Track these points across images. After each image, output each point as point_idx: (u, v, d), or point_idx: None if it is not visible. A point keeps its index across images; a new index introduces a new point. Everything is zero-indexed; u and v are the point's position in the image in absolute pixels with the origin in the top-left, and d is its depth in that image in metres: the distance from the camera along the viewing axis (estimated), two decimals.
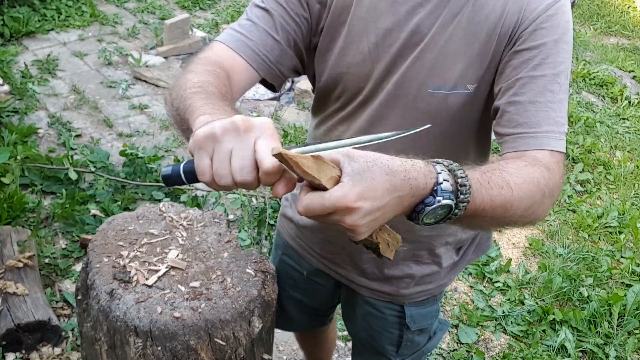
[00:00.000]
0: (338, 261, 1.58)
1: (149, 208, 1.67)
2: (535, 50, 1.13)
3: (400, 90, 1.24)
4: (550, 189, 1.06)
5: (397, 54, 1.22)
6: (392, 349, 1.67)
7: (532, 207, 1.03)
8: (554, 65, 1.13)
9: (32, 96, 4.26)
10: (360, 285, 1.58)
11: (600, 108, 5.48)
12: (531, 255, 3.58)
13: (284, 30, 1.25)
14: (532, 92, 1.13)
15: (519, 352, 2.87)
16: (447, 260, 1.54)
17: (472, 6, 1.17)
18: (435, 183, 0.87)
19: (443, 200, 0.87)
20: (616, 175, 4.45)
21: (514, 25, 1.15)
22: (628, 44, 7.32)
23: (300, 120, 4.56)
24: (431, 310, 1.63)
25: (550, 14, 1.14)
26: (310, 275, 1.68)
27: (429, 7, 1.18)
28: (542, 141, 1.11)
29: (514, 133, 1.13)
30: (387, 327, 1.63)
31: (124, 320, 1.33)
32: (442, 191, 0.87)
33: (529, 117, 1.12)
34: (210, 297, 1.39)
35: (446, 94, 1.21)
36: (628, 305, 3.11)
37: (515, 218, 1.02)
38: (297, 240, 1.66)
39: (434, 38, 1.19)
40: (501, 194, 0.97)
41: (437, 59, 1.19)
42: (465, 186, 0.89)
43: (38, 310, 2.42)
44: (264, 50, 1.23)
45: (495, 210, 0.97)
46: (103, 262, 1.46)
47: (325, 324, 2.01)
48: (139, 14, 5.85)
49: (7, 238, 2.75)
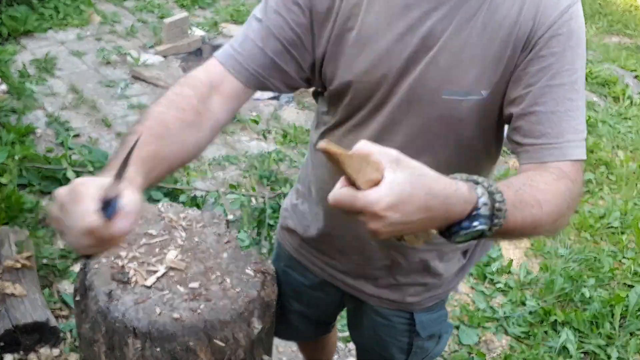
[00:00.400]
0: (347, 270, 1.55)
1: (147, 208, 1.66)
2: (552, 58, 1.13)
3: (413, 95, 1.22)
4: (574, 199, 1.08)
5: (410, 59, 1.20)
6: (401, 357, 1.65)
7: (559, 220, 1.06)
8: (571, 73, 1.13)
9: (30, 95, 4.25)
10: (369, 295, 1.55)
11: (602, 107, 5.48)
12: (533, 255, 3.57)
13: (279, 43, 1.22)
14: (552, 102, 1.13)
15: (520, 354, 2.85)
16: (455, 265, 1.53)
17: (486, 11, 1.15)
18: (474, 208, 0.89)
19: (479, 226, 0.89)
20: (618, 175, 4.44)
21: (530, 32, 1.14)
22: (630, 43, 7.32)
23: (300, 119, 4.55)
24: (440, 314, 1.61)
25: (566, 20, 1.13)
26: (314, 286, 1.65)
27: (443, 11, 1.16)
28: (565, 151, 1.12)
29: (537, 143, 1.14)
30: (397, 335, 1.60)
31: (122, 321, 1.32)
32: (479, 216, 0.89)
33: (552, 128, 1.13)
34: (210, 298, 1.39)
35: (460, 99, 1.19)
36: (630, 306, 3.10)
37: (542, 232, 1.05)
38: (301, 252, 1.62)
39: (447, 43, 1.17)
40: (532, 213, 0.99)
41: (452, 64, 1.18)
42: (501, 210, 0.91)
43: (36, 311, 2.41)
44: (253, 65, 1.21)
45: (524, 229, 0.99)
46: (101, 263, 1.45)
47: (328, 331, 1.99)
48: (137, 13, 5.85)
49: (5, 238, 2.73)
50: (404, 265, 1.47)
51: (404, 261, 1.47)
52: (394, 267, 1.48)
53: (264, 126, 4.39)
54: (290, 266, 1.67)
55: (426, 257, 1.46)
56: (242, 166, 3.90)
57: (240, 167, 3.89)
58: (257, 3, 1.29)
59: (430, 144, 1.27)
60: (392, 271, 1.49)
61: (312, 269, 1.61)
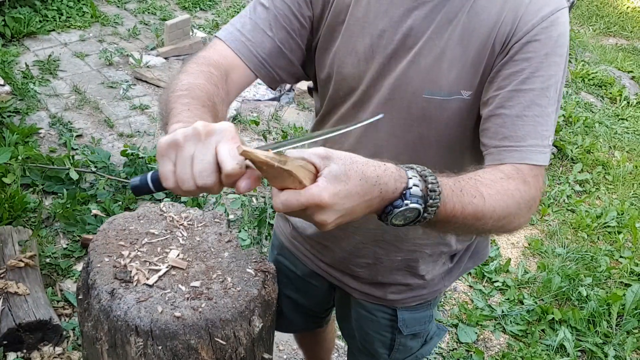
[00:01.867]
0: (332, 264, 1.59)
1: (149, 208, 1.67)
2: (525, 62, 1.13)
3: (395, 94, 1.24)
4: (527, 201, 1.08)
5: (391, 56, 1.22)
6: (384, 352, 1.67)
7: (507, 217, 1.06)
8: (544, 79, 1.13)
9: (33, 96, 4.27)
10: (352, 288, 1.59)
11: (599, 108, 5.49)
12: (530, 255, 3.59)
13: (286, 32, 1.25)
14: (519, 106, 1.13)
15: (518, 352, 2.87)
16: (441, 268, 1.54)
17: (467, 13, 1.16)
18: (405, 187, 0.90)
19: (411, 204, 0.90)
20: (615, 175, 4.46)
21: (507, 35, 1.14)
22: (627, 45, 7.33)
23: (300, 120, 4.56)
24: (424, 315, 1.62)
25: (544, 27, 1.13)
26: (305, 276, 1.69)
27: (424, 10, 1.18)
28: (524, 155, 1.12)
29: (500, 145, 1.14)
30: (380, 329, 1.63)
31: (124, 320, 1.33)
32: (410, 195, 0.90)
33: (515, 131, 1.13)
34: (211, 296, 1.40)
35: (441, 100, 1.21)
36: (627, 305, 3.12)
37: (488, 227, 1.05)
38: (292, 242, 1.67)
39: (428, 43, 1.19)
40: (473, 202, 1.00)
41: (433, 64, 1.19)
42: (435, 192, 0.92)
43: (39, 309, 2.43)
44: (262, 53, 1.24)
45: (466, 218, 1.00)
46: (104, 262, 1.46)
47: (321, 325, 2.01)
48: (139, 15, 5.86)
49: (9, 238, 2.75)
50: (386, 264, 1.50)
51: (386, 260, 1.49)
52: (377, 266, 1.51)
53: (265, 127, 4.40)
54: (282, 254, 1.72)
55: (408, 257, 1.48)
56: None
57: None
58: None
59: (412, 143, 1.28)
60: (373, 270, 1.52)
61: (302, 259, 1.66)
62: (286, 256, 1.71)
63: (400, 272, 1.51)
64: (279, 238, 1.73)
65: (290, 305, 1.79)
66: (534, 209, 1.12)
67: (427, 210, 0.93)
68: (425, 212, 0.93)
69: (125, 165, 3.59)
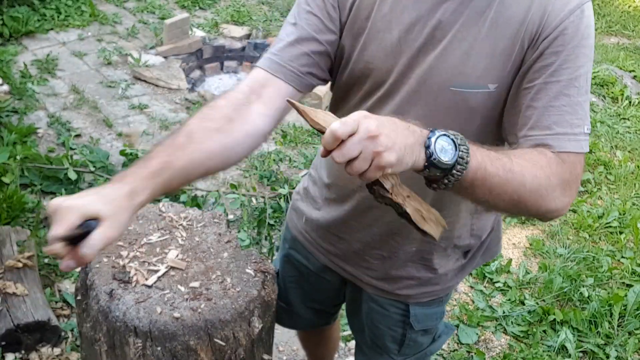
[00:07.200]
0: (345, 257, 1.59)
1: (148, 208, 1.67)
2: (554, 56, 1.16)
3: (422, 87, 1.26)
4: (559, 179, 1.12)
5: (420, 49, 1.24)
6: (394, 347, 1.67)
7: (539, 190, 1.10)
8: (572, 70, 1.16)
9: (31, 96, 4.26)
10: (366, 283, 1.59)
11: (600, 108, 5.48)
12: (532, 255, 3.58)
13: (315, 41, 1.29)
14: (546, 98, 1.16)
15: (519, 353, 2.86)
16: (454, 264, 1.55)
17: (496, 7, 1.19)
18: (429, 131, 1.03)
19: (445, 144, 1.01)
20: (617, 175, 4.45)
21: (536, 30, 1.17)
22: (628, 44, 7.33)
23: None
24: (436, 311, 1.63)
25: (572, 20, 1.15)
26: (316, 270, 1.68)
27: (453, 4, 1.20)
28: (553, 142, 1.15)
29: (527, 135, 1.18)
30: (391, 325, 1.63)
31: (123, 321, 1.33)
32: (437, 135, 1.01)
33: (542, 122, 1.16)
34: (210, 297, 1.39)
35: (468, 92, 1.23)
36: (629, 306, 3.11)
37: (518, 195, 1.09)
38: (305, 235, 1.67)
39: (457, 36, 1.21)
40: (503, 163, 1.06)
41: (461, 57, 1.21)
42: (464, 145, 1.02)
43: (37, 310, 2.42)
44: (293, 64, 1.28)
45: (500, 179, 1.06)
46: (102, 262, 1.46)
47: (329, 322, 2.01)
48: (138, 14, 5.85)
49: (7, 238, 2.75)
50: (400, 256, 1.50)
51: (401, 252, 1.50)
52: (391, 259, 1.51)
53: None
54: (294, 248, 1.72)
55: (422, 248, 1.49)
56: (242, 166, 3.91)
57: (241, 167, 3.90)
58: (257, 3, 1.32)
59: None
60: (387, 263, 1.52)
61: (315, 253, 1.66)
62: (298, 250, 1.70)
63: (414, 265, 1.52)
64: (291, 231, 1.72)
65: (300, 300, 1.79)
66: (569, 194, 1.15)
67: (459, 161, 1.01)
68: (458, 164, 1.01)
69: (124, 165, 3.58)
